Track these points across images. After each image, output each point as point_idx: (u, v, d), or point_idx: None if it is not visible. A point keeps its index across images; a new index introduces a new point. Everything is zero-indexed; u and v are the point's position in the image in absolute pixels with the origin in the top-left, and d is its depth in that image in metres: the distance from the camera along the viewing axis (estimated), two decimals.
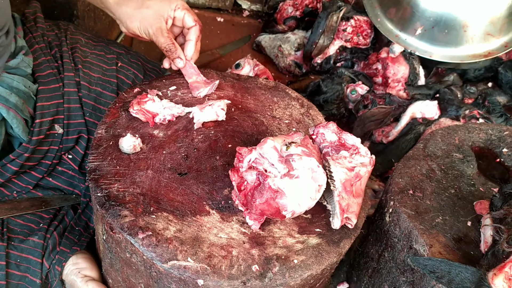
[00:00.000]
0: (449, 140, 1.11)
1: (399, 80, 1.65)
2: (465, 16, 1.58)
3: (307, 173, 0.80)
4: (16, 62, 1.05)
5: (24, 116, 1.04)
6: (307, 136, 0.88)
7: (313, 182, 0.81)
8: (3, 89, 1.01)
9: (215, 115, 1.02)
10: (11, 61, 1.04)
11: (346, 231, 0.89)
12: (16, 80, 1.03)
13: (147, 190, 0.88)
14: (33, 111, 1.07)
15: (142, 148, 0.95)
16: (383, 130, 1.56)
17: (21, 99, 1.03)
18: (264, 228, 0.86)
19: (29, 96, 1.06)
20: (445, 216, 0.92)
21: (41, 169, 1.11)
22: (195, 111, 1.02)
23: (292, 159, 0.80)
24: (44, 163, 1.11)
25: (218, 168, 0.94)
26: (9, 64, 1.04)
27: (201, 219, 0.85)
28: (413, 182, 0.98)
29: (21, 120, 1.03)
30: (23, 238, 1.01)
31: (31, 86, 1.07)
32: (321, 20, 1.76)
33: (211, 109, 1.02)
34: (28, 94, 1.05)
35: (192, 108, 1.03)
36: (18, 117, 1.02)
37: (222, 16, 2.26)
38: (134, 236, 0.80)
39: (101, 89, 1.16)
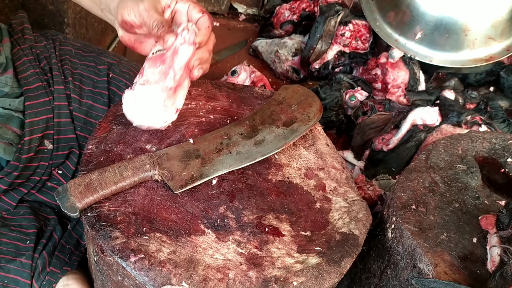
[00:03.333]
0: (452, 150, 1.07)
1: (399, 85, 1.62)
2: (466, 20, 1.55)
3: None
4: None
5: (4, 140, 0.99)
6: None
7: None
8: None
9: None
10: None
11: (347, 249, 0.85)
12: None
13: (139, 209, 0.84)
14: (19, 129, 1.03)
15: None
16: (383, 138, 1.53)
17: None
18: (262, 248, 0.82)
19: (9, 116, 1.01)
20: (450, 233, 0.88)
21: (29, 185, 1.07)
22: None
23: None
24: (33, 179, 1.07)
25: (213, 185, 0.91)
26: None
27: (196, 239, 0.81)
28: (416, 196, 0.95)
29: (1, 144, 0.98)
30: (10, 258, 0.98)
31: (12, 104, 1.02)
32: (318, 25, 1.73)
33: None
34: (8, 115, 1.01)
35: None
36: None
37: (217, 20, 2.23)
38: (126, 259, 0.76)
39: (92, 102, 1.12)
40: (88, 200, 0.82)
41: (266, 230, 0.85)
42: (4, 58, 1.03)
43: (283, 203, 0.91)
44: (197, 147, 0.94)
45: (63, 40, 1.19)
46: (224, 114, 1.06)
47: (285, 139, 0.99)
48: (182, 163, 0.90)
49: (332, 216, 0.92)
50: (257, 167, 0.96)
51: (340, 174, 1.01)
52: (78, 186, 0.82)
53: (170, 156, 0.91)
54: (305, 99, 1.09)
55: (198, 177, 0.89)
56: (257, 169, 0.95)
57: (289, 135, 1.00)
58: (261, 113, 1.04)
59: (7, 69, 1.03)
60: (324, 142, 1.07)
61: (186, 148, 0.93)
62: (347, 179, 1.01)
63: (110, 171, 0.85)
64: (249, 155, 0.95)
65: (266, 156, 0.96)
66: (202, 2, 2.19)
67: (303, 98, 1.09)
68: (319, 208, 0.93)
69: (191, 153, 0.93)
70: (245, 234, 0.84)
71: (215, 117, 1.04)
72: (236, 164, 0.93)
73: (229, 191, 0.90)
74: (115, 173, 0.85)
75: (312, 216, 0.91)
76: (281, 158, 0.99)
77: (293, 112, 1.05)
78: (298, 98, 1.09)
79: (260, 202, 0.90)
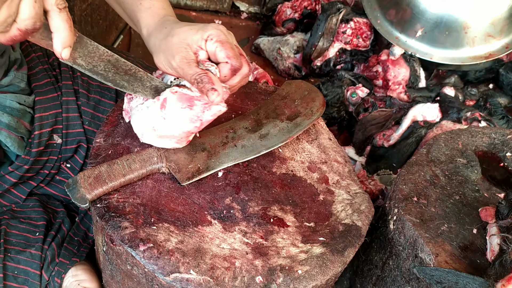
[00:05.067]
0: (452, 144, 1.09)
1: (400, 82, 1.64)
2: (466, 17, 1.57)
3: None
4: (8, 80, 1.02)
5: (19, 134, 1.01)
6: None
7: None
8: None
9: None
10: (3, 79, 1.01)
11: (350, 239, 0.87)
12: (9, 98, 1.01)
13: (147, 201, 0.86)
14: (29, 124, 1.05)
15: None
16: (384, 134, 1.55)
17: (14, 118, 1.00)
18: (267, 238, 0.84)
19: (24, 111, 1.03)
20: (450, 224, 0.90)
21: (38, 178, 1.09)
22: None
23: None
24: (42, 173, 1.09)
25: (219, 177, 0.93)
26: (1, 82, 1.01)
27: (203, 230, 0.83)
28: (417, 188, 0.97)
29: (15, 138, 1.00)
30: (20, 249, 1.00)
31: (26, 100, 1.04)
32: (320, 23, 1.75)
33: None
34: (23, 110, 1.03)
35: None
36: (12, 136, 1.00)
37: (220, 18, 2.25)
38: (135, 248, 0.78)
39: (100, 97, 1.14)
40: (98, 192, 0.83)
41: (271, 221, 0.87)
42: (18, 53, 1.05)
43: (287, 195, 0.93)
44: (203, 141, 0.96)
45: None
46: (229, 108, 1.07)
47: (289, 133, 1.01)
48: (188, 156, 0.92)
49: (335, 208, 0.94)
50: (262, 160, 0.98)
51: (343, 167, 1.03)
52: (88, 178, 0.84)
53: (176, 149, 0.93)
54: (308, 94, 1.10)
55: (204, 169, 0.91)
56: (261, 162, 0.97)
57: (293, 129, 1.02)
58: (265, 108, 1.06)
59: (22, 65, 1.05)
60: (327, 136, 1.09)
61: (192, 142, 0.95)
62: (349, 173, 1.03)
63: (118, 164, 0.87)
64: (254, 148, 0.97)
65: (271, 149, 0.98)
66: (205, 1, 2.21)
67: (306, 93, 1.11)
68: (323, 200, 0.95)
69: (197, 146, 0.94)
70: (250, 224, 0.86)
71: None
72: (241, 157, 0.95)
73: (235, 183, 0.92)
74: (123, 165, 0.87)
75: (315, 207, 0.93)
76: (285, 152, 1.01)
77: (296, 107, 1.07)
78: (302, 93, 1.11)
79: (265, 194, 0.92)
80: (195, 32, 0.86)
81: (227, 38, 0.86)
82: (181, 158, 0.92)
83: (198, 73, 0.81)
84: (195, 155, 0.93)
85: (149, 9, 0.94)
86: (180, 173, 0.90)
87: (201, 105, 0.85)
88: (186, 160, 0.92)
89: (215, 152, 0.94)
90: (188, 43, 0.85)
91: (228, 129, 0.99)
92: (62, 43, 0.71)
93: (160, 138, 0.89)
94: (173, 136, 0.88)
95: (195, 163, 0.92)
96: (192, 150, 0.94)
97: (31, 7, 0.65)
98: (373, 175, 1.43)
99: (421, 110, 1.53)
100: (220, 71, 0.87)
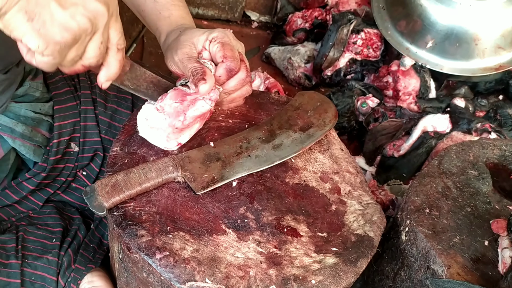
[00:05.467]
0: (463, 156, 1.10)
1: (410, 93, 1.65)
2: (476, 29, 1.59)
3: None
4: (23, 90, 1.04)
5: (34, 142, 1.04)
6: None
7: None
8: (9, 119, 1.01)
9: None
10: (19, 89, 1.04)
11: (363, 250, 0.88)
12: (24, 107, 1.03)
13: (163, 209, 0.88)
14: (47, 132, 1.07)
15: None
16: (394, 144, 1.56)
17: (29, 127, 1.03)
18: (281, 248, 0.85)
19: (40, 120, 1.06)
20: (462, 236, 0.91)
21: (55, 185, 1.11)
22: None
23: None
24: (59, 180, 1.11)
25: (233, 186, 0.94)
26: (17, 92, 1.03)
27: (218, 239, 0.85)
28: (429, 200, 0.98)
29: (30, 146, 1.03)
30: (37, 255, 1.01)
31: (42, 108, 1.06)
32: (331, 33, 1.77)
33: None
34: (39, 119, 1.05)
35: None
36: (26, 144, 1.02)
37: (231, 27, 2.26)
38: (152, 256, 0.79)
39: (116, 106, 1.16)
40: (115, 200, 0.85)
41: (284, 230, 0.88)
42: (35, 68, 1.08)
43: (300, 205, 0.94)
44: (217, 150, 0.97)
45: None
46: (242, 119, 1.09)
47: (302, 144, 1.03)
48: (203, 165, 0.94)
49: (348, 219, 0.95)
50: (275, 170, 0.99)
51: (355, 178, 1.04)
52: (105, 187, 0.86)
53: (192, 159, 0.94)
54: (320, 105, 1.12)
55: (219, 179, 0.93)
56: (275, 172, 0.99)
57: (305, 140, 1.04)
58: (278, 118, 1.08)
59: (37, 75, 1.07)
60: (339, 147, 1.10)
61: (207, 151, 0.96)
62: (361, 183, 1.04)
63: (135, 172, 0.89)
64: (268, 159, 0.98)
65: (284, 160, 1.00)
66: (217, 10, 2.24)
67: (319, 104, 1.12)
68: (335, 210, 0.96)
69: (212, 156, 0.96)
70: (264, 234, 0.87)
71: (233, 122, 1.08)
72: (255, 167, 0.96)
73: (249, 192, 0.93)
74: (140, 174, 0.89)
75: (328, 218, 0.94)
76: (297, 162, 1.03)
77: (309, 118, 1.09)
78: (314, 104, 1.12)
79: (279, 204, 0.93)
80: (202, 33, 0.91)
81: (229, 41, 0.91)
82: (196, 167, 0.93)
83: (195, 67, 0.87)
84: (209, 165, 0.94)
85: (168, 18, 0.99)
86: (195, 182, 0.91)
87: (189, 101, 0.90)
88: (201, 169, 0.93)
89: (230, 161, 0.96)
90: (194, 42, 0.91)
91: (242, 139, 1.01)
92: (107, 77, 0.77)
93: (151, 130, 0.92)
94: (161, 128, 0.91)
95: (210, 172, 0.93)
96: (207, 159, 0.95)
97: (97, 48, 0.70)
98: (383, 185, 1.44)
99: (432, 120, 1.54)
100: (216, 70, 0.91)
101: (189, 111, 0.91)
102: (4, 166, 1.05)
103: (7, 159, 1.04)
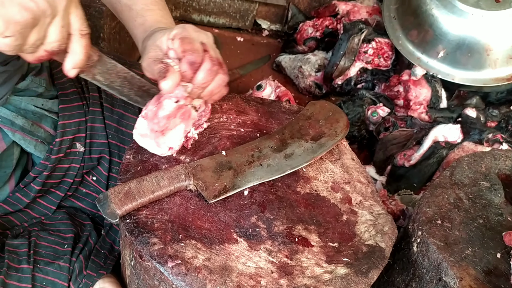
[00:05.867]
0: (475, 167, 1.10)
1: (421, 102, 1.64)
2: (488, 39, 1.58)
3: None
4: (25, 84, 1.05)
5: (35, 137, 1.04)
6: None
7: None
8: (9, 112, 1.01)
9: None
10: (20, 83, 1.04)
11: (374, 261, 0.88)
12: (24, 101, 1.04)
13: (175, 217, 0.88)
14: (52, 130, 1.08)
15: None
16: (405, 154, 1.55)
17: (29, 121, 1.03)
18: (292, 257, 0.86)
19: (42, 115, 1.06)
20: (474, 248, 0.91)
21: (63, 187, 1.12)
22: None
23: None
24: (66, 181, 1.11)
25: (245, 195, 0.94)
26: (18, 86, 1.03)
27: (229, 247, 0.85)
28: (441, 211, 0.98)
29: (31, 140, 1.03)
30: (49, 261, 1.02)
31: (45, 104, 1.07)
32: (342, 42, 1.77)
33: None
34: (41, 114, 1.06)
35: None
36: (26, 138, 1.02)
37: (242, 35, 2.28)
38: (164, 264, 0.80)
39: (123, 111, 1.16)
40: (127, 208, 0.86)
41: (296, 240, 0.89)
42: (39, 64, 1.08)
43: (311, 215, 0.94)
44: (229, 159, 0.98)
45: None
46: (254, 127, 1.10)
47: (313, 153, 1.03)
48: (215, 174, 0.94)
49: (359, 229, 0.95)
50: (286, 179, 0.99)
51: (366, 188, 1.04)
52: (118, 194, 0.87)
53: (204, 167, 0.95)
54: (332, 115, 1.12)
55: (230, 187, 0.93)
56: (286, 181, 0.99)
57: (317, 149, 1.04)
58: (290, 128, 1.08)
59: (42, 72, 1.08)
60: (350, 156, 1.10)
61: (219, 160, 0.97)
62: (372, 193, 1.04)
63: (147, 180, 0.89)
64: (279, 168, 0.99)
65: (295, 169, 1.00)
66: (228, 18, 2.26)
67: (330, 113, 1.12)
68: (346, 220, 0.96)
69: (224, 165, 0.96)
70: (276, 243, 0.87)
71: (245, 131, 1.08)
72: (266, 176, 0.97)
73: (260, 202, 0.94)
74: (152, 182, 0.90)
75: (339, 228, 0.94)
76: (308, 172, 1.03)
77: (321, 127, 1.09)
78: (326, 114, 1.12)
79: (290, 213, 0.93)
80: (164, 33, 0.88)
81: (188, 34, 0.86)
82: (208, 176, 0.94)
83: (159, 67, 0.84)
84: (221, 173, 0.95)
85: (142, 25, 0.97)
86: (207, 190, 0.92)
87: (161, 102, 0.90)
88: (213, 178, 0.94)
89: (241, 170, 0.96)
90: (158, 44, 0.88)
91: (254, 148, 1.01)
92: (73, 64, 0.77)
93: (142, 138, 0.93)
94: (146, 134, 0.92)
95: (222, 181, 0.94)
96: (219, 168, 0.96)
97: (58, 32, 0.71)
98: (393, 194, 1.44)
99: (443, 130, 1.54)
100: (179, 66, 0.86)
101: (159, 111, 0.90)
102: (9, 161, 1.05)
103: (11, 153, 1.04)
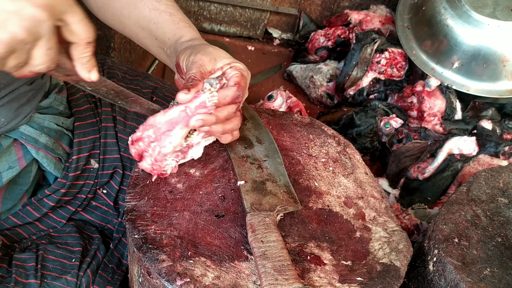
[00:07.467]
0: (493, 183, 1.07)
1: (435, 114, 1.61)
2: (504, 50, 1.55)
3: None
4: (48, 102, 1.05)
5: (56, 155, 1.04)
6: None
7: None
8: (33, 130, 1.01)
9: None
10: (43, 100, 1.04)
11: (389, 280, 0.85)
12: (47, 119, 1.04)
13: (184, 233, 0.86)
14: (68, 147, 1.07)
15: (179, 188, 0.94)
16: (419, 166, 1.52)
17: (52, 139, 1.03)
18: (304, 276, 0.83)
19: (61, 133, 1.06)
20: (493, 268, 0.88)
21: (76, 203, 1.11)
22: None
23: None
24: (79, 197, 1.11)
25: None
26: (41, 104, 1.04)
27: (239, 265, 0.83)
28: (458, 229, 0.95)
29: (52, 159, 1.03)
30: (56, 275, 1.01)
31: (64, 122, 1.07)
32: (355, 52, 1.75)
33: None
34: (61, 132, 1.06)
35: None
36: (49, 156, 1.02)
37: (253, 44, 2.27)
38: (172, 282, 0.78)
39: (136, 124, 1.15)
40: None
41: (308, 258, 0.86)
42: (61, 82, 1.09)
43: (323, 231, 0.92)
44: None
45: (110, 64, 1.23)
46: None
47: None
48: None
49: (373, 246, 0.92)
50: (298, 194, 0.97)
51: (379, 203, 1.01)
52: None
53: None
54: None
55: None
56: (298, 196, 0.97)
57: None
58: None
59: (62, 89, 1.09)
60: (363, 170, 1.07)
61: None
62: (386, 209, 1.01)
63: None
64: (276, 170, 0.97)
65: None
66: (239, 27, 2.25)
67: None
68: (359, 237, 0.93)
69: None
70: None
71: None
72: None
73: None
74: None
75: (352, 245, 0.91)
76: (321, 186, 1.01)
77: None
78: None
79: (302, 230, 0.91)
80: (228, 56, 0.91)
81: (247, 78, 0.92)
82: (253, 197, 0.92)
83: (195, 74, 0.85)
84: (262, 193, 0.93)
85: (191, 28, 1.02)
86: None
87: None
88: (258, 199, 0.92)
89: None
90: (215, 58, 0.89)
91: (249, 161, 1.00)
92: (88, 70, 0.73)
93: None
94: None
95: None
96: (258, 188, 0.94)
97: (44, 55, 0.64)
98: (407, 208, 1.41)
99: (458, 143, 1.51)
100: (223, 92, 0.87)
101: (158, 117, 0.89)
102: (26, 178, 1.05)
103: (29, 171, 1.04)
